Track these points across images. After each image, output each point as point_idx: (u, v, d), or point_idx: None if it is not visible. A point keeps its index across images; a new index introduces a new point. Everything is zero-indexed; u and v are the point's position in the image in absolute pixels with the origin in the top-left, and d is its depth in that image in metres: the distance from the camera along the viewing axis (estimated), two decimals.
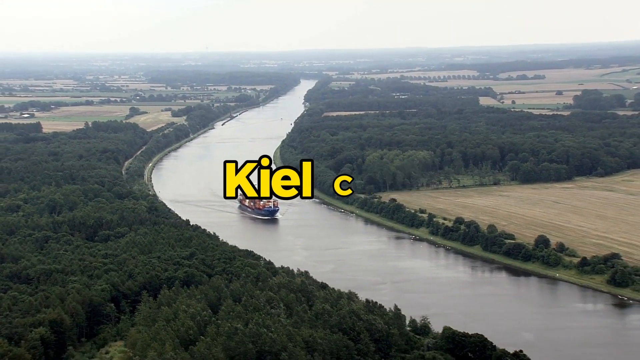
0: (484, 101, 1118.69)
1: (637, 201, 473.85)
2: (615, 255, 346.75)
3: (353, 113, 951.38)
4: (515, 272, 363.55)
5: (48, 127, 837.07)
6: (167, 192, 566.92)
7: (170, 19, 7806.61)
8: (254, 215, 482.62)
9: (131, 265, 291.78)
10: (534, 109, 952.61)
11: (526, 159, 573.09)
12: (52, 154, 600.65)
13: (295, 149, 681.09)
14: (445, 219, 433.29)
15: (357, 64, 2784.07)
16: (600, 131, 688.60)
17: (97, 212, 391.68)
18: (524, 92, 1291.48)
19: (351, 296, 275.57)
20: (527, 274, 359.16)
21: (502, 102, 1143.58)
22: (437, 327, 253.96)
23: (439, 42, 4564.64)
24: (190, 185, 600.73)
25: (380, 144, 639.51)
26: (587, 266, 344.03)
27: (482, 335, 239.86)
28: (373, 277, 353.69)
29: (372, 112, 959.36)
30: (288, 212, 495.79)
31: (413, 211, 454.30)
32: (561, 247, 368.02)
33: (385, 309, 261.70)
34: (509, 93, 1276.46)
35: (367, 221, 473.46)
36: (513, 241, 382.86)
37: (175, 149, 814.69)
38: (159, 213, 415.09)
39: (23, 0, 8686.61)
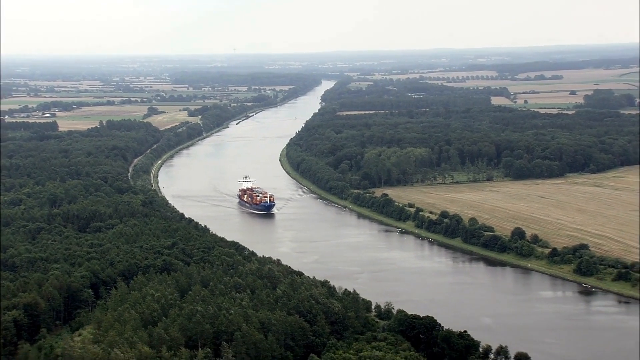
0: (496, 101, 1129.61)
1: (620, 196, 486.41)
2: (583, 246, 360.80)
3: (364, 112, 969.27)
4: (491, 262, 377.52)
5: (65, 126, 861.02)
6: (172, 187, 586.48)
7: (200, 22, 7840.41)
8: (251, 210, 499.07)
9: (113, 254, 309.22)
10: (544, 108, 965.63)
11: (521, 156, 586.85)
12: (63, 151, 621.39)
13: (301, 147, 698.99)
14: (431, 212, 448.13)
15: (381, 65, 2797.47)
16: (597, 129, 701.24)
17: (94, 205, 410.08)
18: (538, 92, 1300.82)
19: (322, 283, 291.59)
20: (502, 264, 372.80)
21: (515, 102, 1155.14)
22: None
23: (464, 44, 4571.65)
24: (195, 181, 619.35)
25: (382, 141, 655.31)
26: (556, 256, 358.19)
27: (432, 317, 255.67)
28: (352, 267, 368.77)
29: (382, 111, 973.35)
30: (286, 206, 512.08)
31: (401, 205, 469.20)
32: (535, 239, 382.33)
33: (349, 294, 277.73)
34: (523, 93, 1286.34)
35: (360, 215, 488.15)
36: (491, 233, 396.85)
37: (187, 147, 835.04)
38: (154, 206, 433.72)
39: (52, 3, 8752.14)
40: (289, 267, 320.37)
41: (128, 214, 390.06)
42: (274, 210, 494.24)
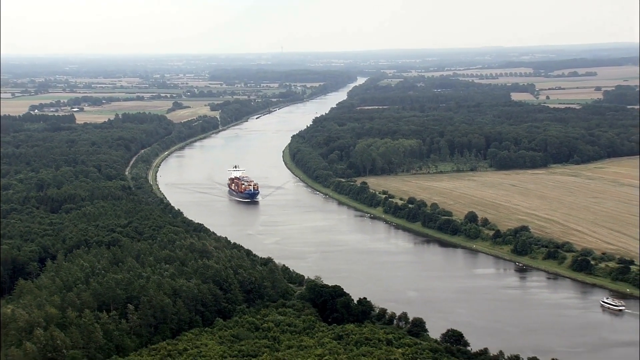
0: (518, 97, 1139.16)
1: (590, 185, 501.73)
2: (524, 228, 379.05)
3: (381, 107, 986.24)
4: (443, 244, 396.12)
5: (85, 119, 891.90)
6: (170, 176, 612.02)
7: (248, 21, 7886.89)
8: (237, 198, 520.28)
9: (67, 231, 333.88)
10: (563, 103, 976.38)
11: (508, 147, 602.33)
12: (70, 141, 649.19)
13: (303, 139, 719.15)
14: (401, 199, 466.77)
15: (423, 62, 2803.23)
16: (590, 122, 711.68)
17: (75, 189, 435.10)
18: (563, 89, 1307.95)
19: (249, 257, 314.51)
20: (453, 245, 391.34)
21: (537, 97, 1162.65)
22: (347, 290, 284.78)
23: (513, 42, 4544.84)
24: (194, 170, 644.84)
25: (379, 133, 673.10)
26: (499, 238, 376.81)
27: (339, 286, 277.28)
28: (308, 247, 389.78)
29: (396, 106, 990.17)
30: (272, 194, 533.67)
31: (374, 192, 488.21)
32: (485, 222, 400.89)
33: (269, 266, 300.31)
34: (549, 89, 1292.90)
35: (340, 202, 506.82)
36: (447, 217, 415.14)
37: (200, 139, 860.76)
38: (132, 191, 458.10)
39: (99, 3, 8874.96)
40: (234, 243, 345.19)
41: (101, 197, 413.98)
42: (259, 198, 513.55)
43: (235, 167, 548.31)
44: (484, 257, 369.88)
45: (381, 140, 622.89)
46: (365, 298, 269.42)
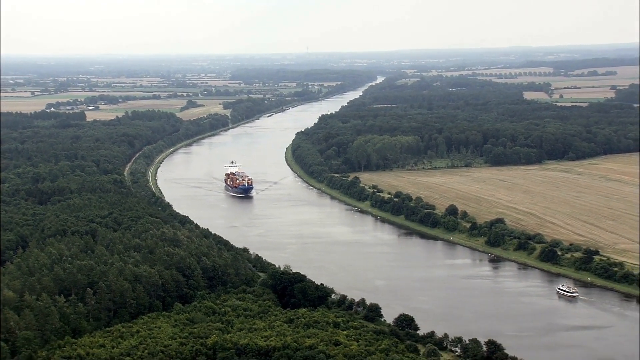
0: (531, 95, 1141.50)
1: (578, 180, 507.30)
2: (499, 220, 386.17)
3: (392, 105, 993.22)
4: (423, 236, 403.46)
5: (96, 116, 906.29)
6: (172, 172, 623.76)
7: (274, 21, 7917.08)
8: (232, 193, 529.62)
9: (47, 222, 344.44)
10: (575, 102, 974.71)
11: (504, 144, 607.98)
12: (74, 137, 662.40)
13: (307, 136, 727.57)
14: (389, 193, 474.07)
15: (447, 62, 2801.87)
16: (588, 119, 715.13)
17: (68, 183, 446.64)
18: (579, 88, 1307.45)
19: (218, 247, 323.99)
20: (433, 238, 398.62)
21: (551, 96, 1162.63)
22: (314, 278, 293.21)
23: (540, 41, 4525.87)
24: (196, 167, 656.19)
25: (380, 130, 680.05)
26: (475, 230, 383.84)
27: (298, 273, 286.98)
28: (289, 239, 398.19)
29: (404, 105, 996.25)
30: (268, 189, 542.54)
31: (363, 187, 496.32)
32: (464, 215, 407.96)
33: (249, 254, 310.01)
34: (564, 88, 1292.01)
35: (332, 197, 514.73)
36: (429, 210, 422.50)
37: (209, 136, 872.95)
38: (123, 185, 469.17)
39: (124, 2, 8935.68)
40: (214, 234, 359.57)
41: (91, 190, 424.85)
42: (253, 192, 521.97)
43: (232, 162, 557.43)
44: (458, 249, 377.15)
45: (379, 136, 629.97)
46: (322, 284, 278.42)
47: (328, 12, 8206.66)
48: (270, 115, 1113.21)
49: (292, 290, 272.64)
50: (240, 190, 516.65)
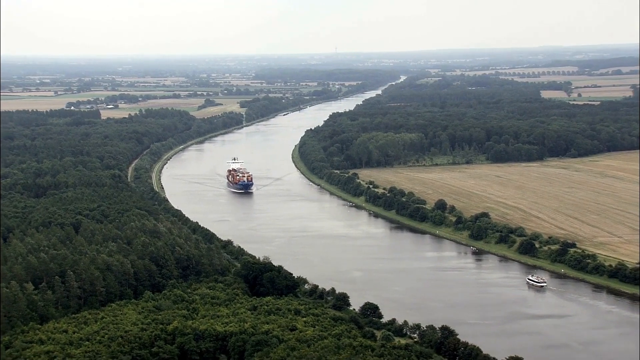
0: (548, 94, 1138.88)
1: (573, 176, 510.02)
2: (484, 214, 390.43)
3: (406, 104, 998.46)
4: (413, 230, 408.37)
5: (110, 114, 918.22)
6: (179, 168, 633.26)
7: (303, 21, 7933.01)
8: (232, 189, 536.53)
9: (36, 214, 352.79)
10: (592, 101, 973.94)
11: (507, 141, 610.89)
12: (84, 134, 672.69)
13: (315, 133, 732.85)
14: (384, 189, 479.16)
15: (474, 62, 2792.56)
16: (594, 117, 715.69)
17: (67, 177, 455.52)
18: (599, 86, 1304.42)
19: (196, 237, 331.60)
20: (421, 232, 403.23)
21: (570, 95, 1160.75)
22: (297, 270, 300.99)
23: (571, 41, 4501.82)
24: (204, 163, 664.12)
25: (386, 127, 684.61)
26: (460, 224, 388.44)
27: (271, 263, 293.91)
28: (278, 233, 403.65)
29: (417, 103, 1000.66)
30: (269, 185, 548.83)
31: (359, 182, 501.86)
32: (452, 209, 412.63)
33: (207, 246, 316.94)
34: (584, 87, 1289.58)
35: (331, 193, 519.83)
36: (417, 205, 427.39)
37: (222, 134, 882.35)
38: (121, 179, 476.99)
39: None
40: (203, 227, 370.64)
41: (87, 184, 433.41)
42: (253, 188, 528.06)
43: (234, 159, 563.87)
44: (444, 242, 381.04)
45: (384, 134, 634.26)
46: (291, 274, 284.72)
47: (358, 11, 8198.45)
48: (286, 114, 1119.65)
49: (262, 280, 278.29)
50: (240, 186, 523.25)
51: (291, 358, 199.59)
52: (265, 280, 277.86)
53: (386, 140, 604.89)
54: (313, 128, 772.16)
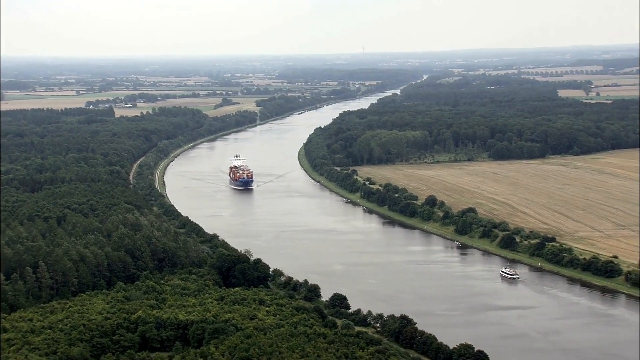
0: (566, 93, 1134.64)
1: (570, 174, 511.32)
2: (471, 210, 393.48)
3: (420, 103, 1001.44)
4: (404, 225, 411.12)
5: (123, 113, 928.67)
6: (185, 165, 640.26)
7: (331, 21, 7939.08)
8: (233, 186, 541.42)
9: (24, 208, 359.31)
10: (608, 99, 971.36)
11: (510, 139, 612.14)
12: (94, 132, 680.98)
13: (323, 131, 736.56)
14: (380, 185, 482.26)
15: (500, 61, 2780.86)
16: (599, 115, 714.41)
17: (66, 173, 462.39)
18: (620, 85, 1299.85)
19: (176, 231, 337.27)
20: (411, 227, 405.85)
21: (588, 94, 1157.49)
22: (279, 263, 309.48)
23: (602, 40, 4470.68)
24: (208, 161, 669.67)
25: (393, 125, 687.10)
26: (447, 219, 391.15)
27: (244, 255, 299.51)
28: (268, 228, 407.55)
29: (430, 102, 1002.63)
30: (271, 182, 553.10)
31: (355, 179, 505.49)
32: (441, 205, 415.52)
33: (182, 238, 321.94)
34: (604, 86, 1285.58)
35: (330, 190, 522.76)
36: (408, 201, 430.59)
37: (235, 132, 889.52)
38: (119, 175, 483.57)
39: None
40: (193, 221, 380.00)
41: (82, 179, 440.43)
42: (253, 185, 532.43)
43: (236, 156, 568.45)
44: (430, 237, 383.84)
45: (388, 131, 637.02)
46: (267, 265, 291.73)
47: (385, 12, 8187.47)
48: (301, 113, 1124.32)
49: (235, 272, 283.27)
50: (241, 183, 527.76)
51: (244, 344, 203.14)
52: (237, 271, 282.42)
53: (389, 137, 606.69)
54: (323, 126, 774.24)
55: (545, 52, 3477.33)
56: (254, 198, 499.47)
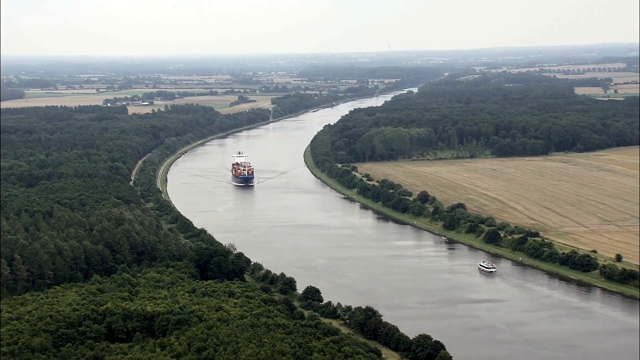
0: (583, 90, 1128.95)
1: (568, 170, 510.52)
2: (460, 205, 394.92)
3: (434, 100, 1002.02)
4: (395, 221, 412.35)
5: (137, 110, 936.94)
6: (191, 162, 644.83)
7: (358, 19, 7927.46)
8: (234, 183, 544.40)
9: (17, 201, 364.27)
10: (623, 97, 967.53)
11: (514, 135, 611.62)
12: (103, 129, 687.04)
13: (331, 128, 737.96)
14: (377, 181, 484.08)
15: (526, 59, 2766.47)
16: (606, 112, 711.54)
17: (65, 169, 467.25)
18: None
19: (157, 225, 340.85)
20: (402, 222, 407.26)
21: (606, 91, 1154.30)
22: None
23: (631, 37, 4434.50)
24: (214, 158, 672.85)
25: (399, 122, 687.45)
26: (437, 214, 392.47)
27: (220, 248, 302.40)
28: (260, 223, 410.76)
29: (442, 99, 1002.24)
30: (273, 178, 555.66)
31: (353, 175, 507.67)
32: (432, 200, 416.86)
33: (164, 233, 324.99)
34: (624, 83, 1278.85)
35: (331, 186, 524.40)
36: (400, 197, 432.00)
37: (247, 129, 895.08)
38: (118, 171, 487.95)
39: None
40: (184, 216, 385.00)
41: (78, 174, 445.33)
42: (254, 182, 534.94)
43: (239, 153, 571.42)
44: (420, 232, 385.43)
45: (393, 128, 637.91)
46: (239, 258, 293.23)
47: (411, 9, 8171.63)
48: (316, 111, 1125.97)
49: (211, 265, 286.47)
50: (241, 179, 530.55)
51: (203, 335, 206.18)
52: (212, 265, 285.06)
53: (393, 134, 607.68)
54: (331, 124, 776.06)
55: (572, 49, 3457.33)
56: (254, 194, 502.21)
